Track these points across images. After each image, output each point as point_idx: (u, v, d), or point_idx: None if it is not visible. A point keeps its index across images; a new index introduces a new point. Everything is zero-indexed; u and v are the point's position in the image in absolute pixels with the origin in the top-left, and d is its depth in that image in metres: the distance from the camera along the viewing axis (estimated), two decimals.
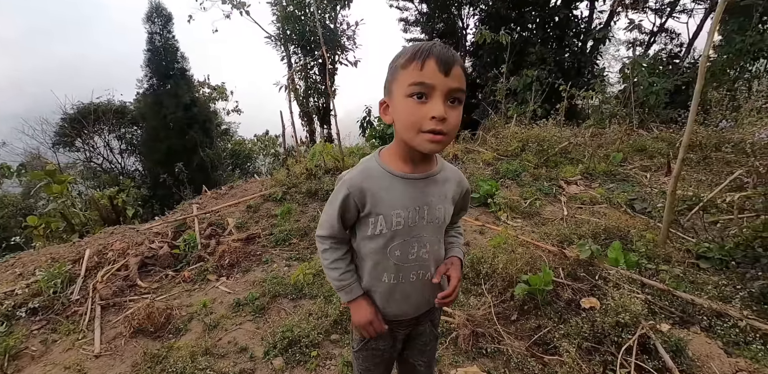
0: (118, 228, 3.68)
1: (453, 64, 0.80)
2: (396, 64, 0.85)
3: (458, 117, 0.84)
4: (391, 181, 0.92)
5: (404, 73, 0.81)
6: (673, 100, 8.40)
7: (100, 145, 14.13)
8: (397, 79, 0.84)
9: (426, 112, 0.80)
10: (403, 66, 0.82)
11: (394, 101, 0.86)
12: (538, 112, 7.85)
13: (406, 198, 0.92)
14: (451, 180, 1.01)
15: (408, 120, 0.82)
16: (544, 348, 1.95)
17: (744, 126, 5.20)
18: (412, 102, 0.81)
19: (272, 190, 4.01)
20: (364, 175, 0.93)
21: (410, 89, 0.80)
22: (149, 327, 2.19)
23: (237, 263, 2.85)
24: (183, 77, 13.02)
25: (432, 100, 0.80)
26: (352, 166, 3.59)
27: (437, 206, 0.96)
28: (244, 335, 2.12)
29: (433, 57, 0.79)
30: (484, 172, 4.93)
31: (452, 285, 1.01)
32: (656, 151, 5.62)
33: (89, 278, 2.75)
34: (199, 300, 2.46)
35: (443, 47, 0.82)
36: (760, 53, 8.68)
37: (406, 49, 0.85)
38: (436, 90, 0.79)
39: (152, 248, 2.95)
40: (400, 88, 0.82)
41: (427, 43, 0.82)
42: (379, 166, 0.94)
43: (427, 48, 0.80)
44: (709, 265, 2.63)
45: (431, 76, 0.79)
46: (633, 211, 3.52)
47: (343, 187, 0.92)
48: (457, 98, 0.83)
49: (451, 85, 0.80)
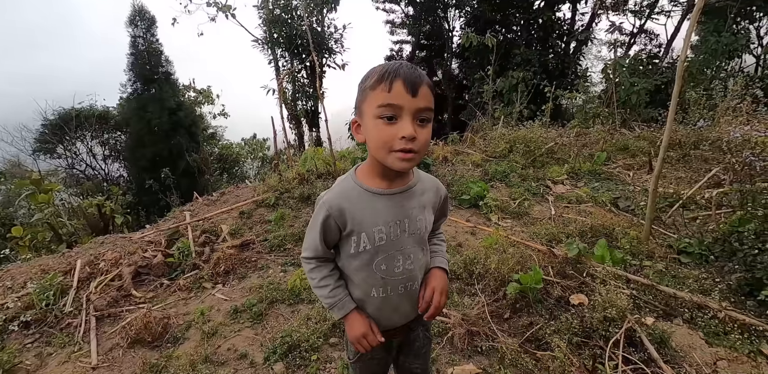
0: (109, 237, 3.65)
1: (420, 85, 0.83)
2: (365, 85, 0.87)
3: (428, 134, 0.88)
4: (370, 199, 0.94)
5: (373, 94, 0.84)
6: (653, 99, 8.66)
7: (83, 151, 13.82)
8: (367, 100, 0.86)
9: (395, 132, 0.82)
10: (372, 87, 0.84)
11: (365, 121, 0.88)
12: (524, 113, 8.01)
13: (386, 214, 0.95)
14: (429, 189, 1.03)
15: (379, 140, 0.85)
16: (537, 344, 2.02)
17: (720, 125, 5.40)
18: (382, 123, 0.83)
19: (265, 196, 4.02)
20: (342, 195, 0.95)
21: (379, 111, 0.83)
22: (147, 337, 2.19)
23: (232, 270, 2.86)
24: (167, 81, 12.85)
25: (401, 121, 0.83)
26: (343, 171, 3.64)
27: (417, 217, 0.99)
28: (243, 341, 2.14)
29: (400, 78, 0.81)
30: (474, 173, 5.02)
31: (427, 297, 1.03)
32: (638, 150, 5.81)
33: (82, 289, 2.73)
34: (196, 308, 2.47)
35: (410, 68, 0.84)
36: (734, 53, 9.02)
37: (373, 69, 0.88)
38: (405, 110, 0.82)
39: (146, 257, 2.94)
40: (370, 109, 0.85)
41: (394, 64, 0.85)
42: (357, 184, 0.96)
43: (393, 69, 0.83)
44: (689, 260, 2.75)
45: (399, 97, 0.81)
46: (617, 209, 3.65)
47: (323, 208, 0.94)
48: (426, 117, 0.86)
49: (419, 105, 0.83)
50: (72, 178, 13.53)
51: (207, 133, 15.90)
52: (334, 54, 13.67)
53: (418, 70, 0.86)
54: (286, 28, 12.42)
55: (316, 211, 0.97)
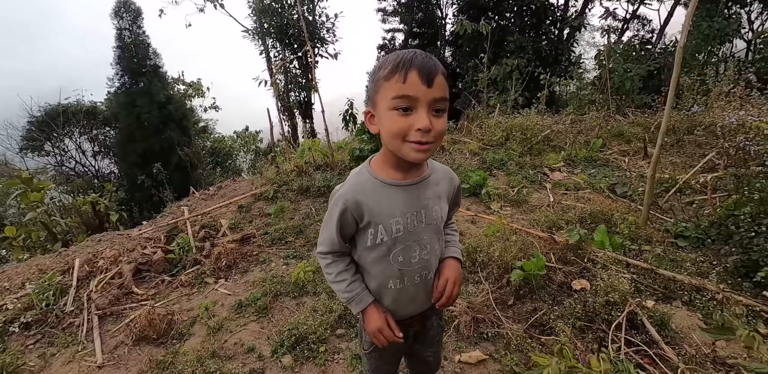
0: (106, 235, 3.60)
1: (435, 74, 0.81)
2: (378, 75, 0.85)
3: (443, 125, 0.86)
4: (386, 190, 0.93)
5: (387, 85, 0.82)
6: (646, 85, 8.67)
7: (72, 147, 13.56)
8: (380, 91, 0.84)
9: (411, 123, 0.81)
10: (386, 78, 0.82)
11: (379, 112, 0.86)
12: (519, 101, 7.99)
13: (403, 205, 0.94)
14: (443, 179, 1.03)
15: (394, 132, 0.83)
16: (541, 329, 2.05)
17: (714, 110, 5.43)
18: (397, 114, 0.81)
19: (263, 189, 3.99)
20: (357, 187, 0.94)
21: (394, 102, 0.81)
22: (151, 334, 2.18)
23: (234, 264, 2.85)
24: (156, 74, 12.56)
25: (416, 112, 0.81)
26: (341, 162, 3.58)
27: (434, 208, 0.99)
28: (249, 335, 2.14)
29: (416, 68, 0.79)
30: (472, 162, 5.02)
31: (440, 287, 1.03)
32: (633, 136, 5.83)
33: (82, 288, 2.70)
34: (200, 303, 2.46)
35: (425, 57, 0.82)
36: (726, 38, 9.02)
37: (386, 59, 0.85)
38: (420, 101, 0.80)
39: (145, 254, 2.91)
40: (384, 101, 0.83)
41: (408, 53, 0.82)
42: (372, 176, 0.94)
43: (408, 59, 0.80)
44: (686, 244, 2.79)
45: (414, 88, 0.79)
46: (615, 195, 3.68)
47: (339, 202, 0.93)
48: (441, 107, 0.84)
49: (435, 95, 0.81)
50: (62, 176, 13.30)
51: (198, 127, 15.68)
52: (326, 43, 13.44)
53: (433, 59, 0.84)
54: (277, 17, 12.16)
55: (331, 206, 0.95)
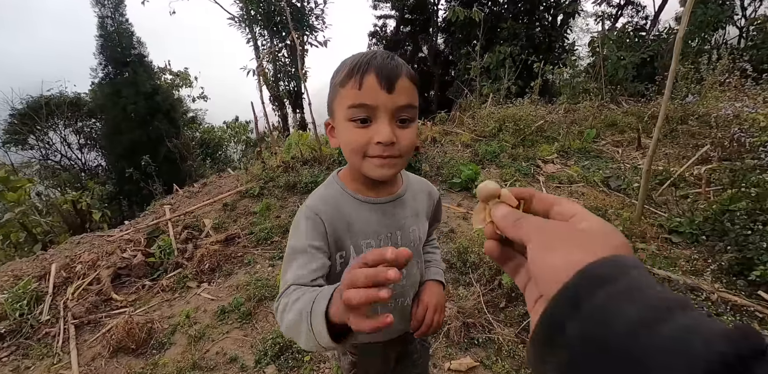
0: (85, 237, 3.47)
1: (397, 78, 0.69)
2: (334, 81, 0.74)
3: (411, 135, 0.74)
4: (359, 207, 0.82)
5: (342, 92, 0.71)
6: (639, 73, 8.56)
7: (57, 140, 13.20)
8: (336, 99, 0.74)
9: (370, 136, 0.70)
10: (341, 84, 0.71)
11: (337, 124, 0.75)
12: (512, 90, 7.85)
13: (377, 226, 0.83)
14: (420, 194, 0.93)
15: (352, 146, 0.72)
16: None
17: (708, 99, 5.36)
18: (354, 126, 0.71)
19: (248, 186, 3.86)
20: (329, 199, 0.82)
21: (350, 112, 0.70)
22: (130, 345, 2.09)
23: (218, 267, 2.75)
24: (141, 64, 12.15)
25: (376, 123, 0.70)
26: (330, 156, 3.43)
27: (411, 228, 0.88)
28: (232, 344, 2.06)
29: (373, 71, 0.68)
30: (463, 154, 4.92)
31: (419, 315, 0.90)
32: (626, 126, 5.76)
33: (58, 295, 2.59)
34: (182, 310, 2.37)
35: (385, 57, 0.70)
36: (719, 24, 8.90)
37: (344, 62, 0.75)
38: (380, 110, 0.69)
39: (125, 257, 2.79)
40: (341, 110, 0.72)
41: (366, 54, 0.71)
42: (343, 190, 0.84)
43: (364, 61, 0.69)
44: (680, 239, 2.74)
45: (372, 94, 0.68)
46: (609, 189, 3.61)
47: (308, 213, 0.80)
48: (407, 117, 0.73)
49: (398, 102, 0.70)
50: (47, 170, 12.99)
51: (187, 117, 15.32)
52: (315, 31, 13.06)
53: (396, 60, 0.72)
54: (264, 4, 11.75)
55: (298, 222, 0.82)
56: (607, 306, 0.25)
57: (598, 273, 0.27)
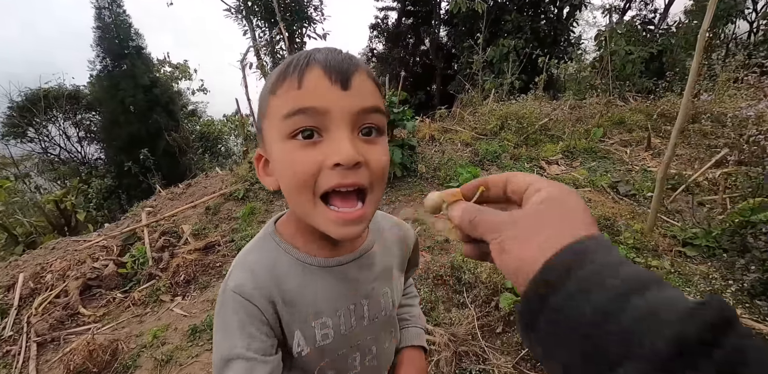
0: (61, 241, 3.29)
1: (353, 71, 0.48)
2: (263, 93, 0.53)
3: (382, 154, 0.51)
4: (308, 275, 0.58)
5: (274, 101, 0.49)
6: (647, 68, 8.27)
7: (56, 133, 13.05)
8: (267, 113, 0.51)
9: (322, 158, 0.47)
10: (272, 90, 0.50)
11: (271, 151, 0.52)
12: (515, 85, 7.59)
13: (333, 298, 0.60)
14: (393, 243, 0.70)
15: (295, 176, 0.48)
16: (533, 363, 1.80)
17: (723, 98, 5.09)
18: (294, 146, 0.48)
19: (233, 188, 3.66)
20: (262, 272, 0.57)
21: (288, 124, 0.47)
22: (92, 368, 1.91)
23: (194, 279, 2.56)
24: (139, 56, 11.92)
25: (329, 136, 0.47)
26: None
27: (381, 292, 0.65)
28: (201, 370, 1.88)
29: (317, 64, 0.48)
30: (463, 154, 4.69)
31: None
32: (635, 124, 5.51)
33: (24, 308, 2.42)
34: (151, 327, 2.19)
35: (332, 50, 0.51)
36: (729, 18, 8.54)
37: (276, 69, 0.53)
38: (333, 116, 0.47)
39: (95, 268, 2.61)
40: (274, 127, 0.50)
41: (304, 51, 0.51)
42: (283, 251, 0.59)
43: (305, 54, 0.50)
44: (695, 253, 2.53)
45: (319, 93, 0.47)
46: (617, 195, 3.39)
47: (237, 300, 0.55)
48: (374, 124, 0.50)
49: (358, 103, 0.48)
50: (46, 163, 12.88)
51: (187, 110, 15.12)
52: (314, 23, 12.71)
53: (348, 54, 0.51)
54: None
55: (222, 311, 0.57)
56: (570, 299, 0.26)
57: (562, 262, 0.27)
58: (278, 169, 0.51)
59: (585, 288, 0.25)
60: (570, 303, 0.25)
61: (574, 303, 0.25)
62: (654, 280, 0.25)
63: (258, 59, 13.44)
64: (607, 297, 0.24)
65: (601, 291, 0.24)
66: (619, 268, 0.26)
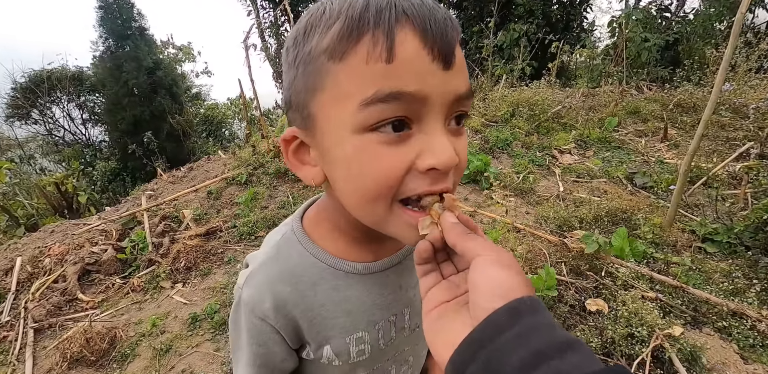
0: (60, 225, 3.22)
1: (455, 41, 0.36)
2: (313, 51, 0.36)
3: (466, 147, 0.42)
4: (340, 284, 0.49)
5: (344, 71, 0.35)
6: (662, 56, 7.98)
7: (60, 115, 12.93)
8: (325, 87, 0.36)
9: (413, 157, 0.36)
10: (334, 53, 0.35)
11: (331, 141, 0.38)
12: (526, 71, 7.37)
13: (372, 310, 0.50)
14: None
15: (374, 182, 0.37)
16: None
17: (743, 88, 4.89)
18: (379, 140, 0.35)
19: (236, 172, 3.55)
20: (283, 287, 0.47)
21: (371, 112, 0.34)
22: (89, 356, 1.86)
23: (194, 265, 2.49)
24: (142, 37, 11.62)
25: (422, 127, 0.36)
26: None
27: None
28: (200, 360, 1.82)
29: (410, 22, 0.33)
30: (473, 141, 4.55)
31: None
32: (650, 114, 5.33)
33: (22, 293, 2.37)
34: (151, 314, 2.13)
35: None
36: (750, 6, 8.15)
37: (318, 11, 0.37)
38: (430, 102, 0.35)
39: (94, 252, 2.54)
40: (342, 110, 0.36)
41: None
42: (312, 256, 0.48)
43: (386, 2, 0.34)
44: (716, 250, 2.42)
45: (420, 72, 0.34)
46: (634, 187, 3.26)
47: (251, 319, 0.47)
48: (466, 112, 0.40)
49: (458, 87, 0.36)
50: (50, 145, 12.82)
51: (191, 93, 14.91)
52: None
53: (440, 5, 0.36)
54: None
55: (236, 327, 0.50)
56: (495, 355, 0.27)
57: (497, 320, 0.28)
58: (346, 168, 0.38)
59: (511, 345, 0.26)
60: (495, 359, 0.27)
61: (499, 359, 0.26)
62: (571, 344, 0.26)
63: (262, 41, 13.06)
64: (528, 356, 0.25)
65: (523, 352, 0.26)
66: (547, 329, 0.27)
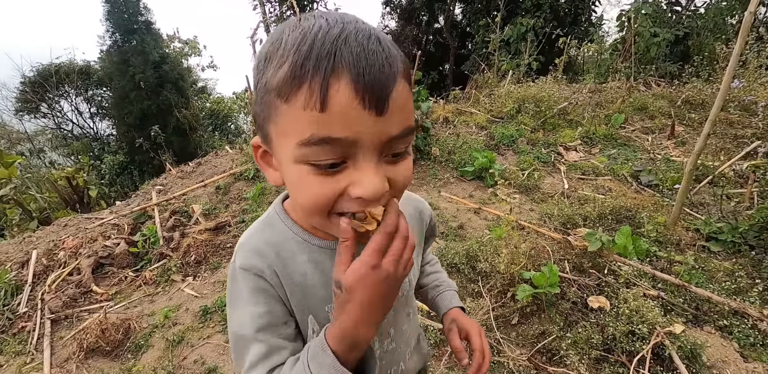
0: (73, 219, 3.29)
1: (390, 88, 0.38)
2: (266, 81, 0.41)
3: (407, 171, 0.47)
4: (315, 257, 0.55)
5: (288, 112, 0.39)
6: (671, 52, 7.87)
7: (68, 109, 13.05)
8: (276, 120, 0.42)
9: (342, 187, 0.42)
10: (281, 94, 0.39)
11: (278, 160, 0.46)
12: (533, 66, 7.30)
13: None
14: (410, 219, 0.63)
15: (310, 202, 0.44)
16: (549, 356, 1.77)
17: (753, 85, 4.83)
18: (313, 173, 0.41)
19: (243, 168, 3.60)
20: (268, 252, 0.53)
21: (307, 152, 0.40)
22: (105, 346, 1.93)
23: (204, 259, 2.55)
24: (149, 31, 11.63)
25: (355, 165, 0.41)
26: None
27: None
28: (212, 351, 1.88)
29: (346, 72, 0.36)
30: (478, 137, 4.55)
31: (478, 358, 0.71)
32: (657, 111, 5.28)
33: (38, 285, 2.44)
34: (163, 307, 2.19)
35: (363, 38, 0.38)
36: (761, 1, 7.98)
37: (280, 38, 0.40)
38: (362, 146, 0.40)
39: (107, 246, 2.61)
40: (286, 145, 0.42)
41: (322, 28, 0.38)
42: (291, 232, 0.55)
43: (327, 51, 0.37)
44: (720, 249, 2.43)
45: (349, 120, 0.38)
46: (639, 185, 3.26)
47: (247, 277, 0.52)
48: (405, 147, 0.44)
49: (392, 129, 0.40)
50: (59, 139, 12.96)
51: (197, 87, 14.95)
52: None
53: (382, 43, 0.39)
54: None
55: (235, 289, 0.55)
56: None
57: None
58: (290, 186, 0.47)
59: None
60: None
61: None
62: None
63: (254, 35, 12.99)
64: None
65: None
66: None
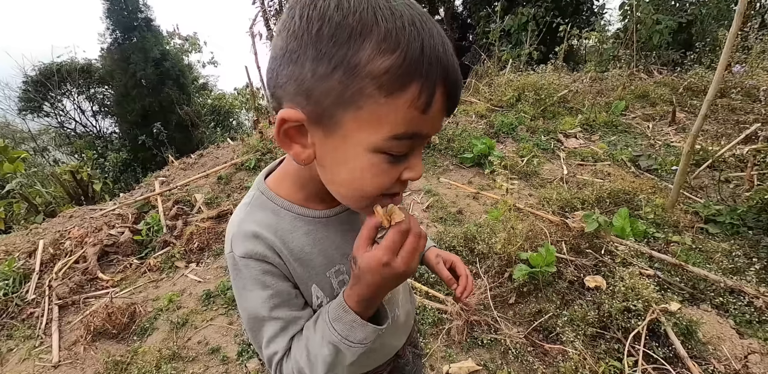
0: (78, 210, 3.34)
1: (461, 94, 0.51)
2: (360, 66, 0.40)
3: None
4: (311, 229, 0.59)
5: (386, 103, 0.41)
6: (674, 39, 7.78)
7: (70, 107, 13.09)
8: (362, 107, 0.42)
9: (397, 174, 0.49)
10: (382, 85, 0.40)
11: (344, 147, 0.46)
12: (534, 56, 7.25)
13: (343, 245, 0.61)
14: None
15: (369, 188, 0.49)
16: (545, 334, 1.80)
17: (756, 70, 4.78)
18: (384, 161, 0.46)
19: (244, 158, 3.63)
20: (266, 232, 0.55)
21: (392, 144, 0.44)
22: (111, 329, 1.98)
23: (207, 246, 2.59)
24: (149, 28, 11.61)
25: (413, 155, 0.49)
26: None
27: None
28: (215, 333, 1.93)
29: (445, 86, 0.43)
30: (478, 126, 4.55)
31: (464, 281, 0.83)
32: (659, 98, 5.25)
33: (46, 273, 2.49)
34: (167, 292, 2.24)
35: (448, 48, 0.44)
36: None
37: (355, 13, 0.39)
38: (424, 141, 0.49)
39: (112, 235, 2.65)
40: (368, 133, 0.43)
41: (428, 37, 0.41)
42: (282, 209, 0.58)
43: (436, 57, 0.41)
44: (718, 230, 2.44)
45: (436, 122, 0.47)
46: (638, 169, 3.27)
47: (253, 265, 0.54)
48: None
49: (441, 126, 0.57)
50: (63, 137, 13.02)
51: (198, 84, 14.93)
52: None
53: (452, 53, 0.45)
54: None
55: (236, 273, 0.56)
56: None
57: None
58: (350, 173, 0.48)
59: None
60: None
61: None
62: None
63: (267, 29, 13.02)
64: None
65: None
66: None
